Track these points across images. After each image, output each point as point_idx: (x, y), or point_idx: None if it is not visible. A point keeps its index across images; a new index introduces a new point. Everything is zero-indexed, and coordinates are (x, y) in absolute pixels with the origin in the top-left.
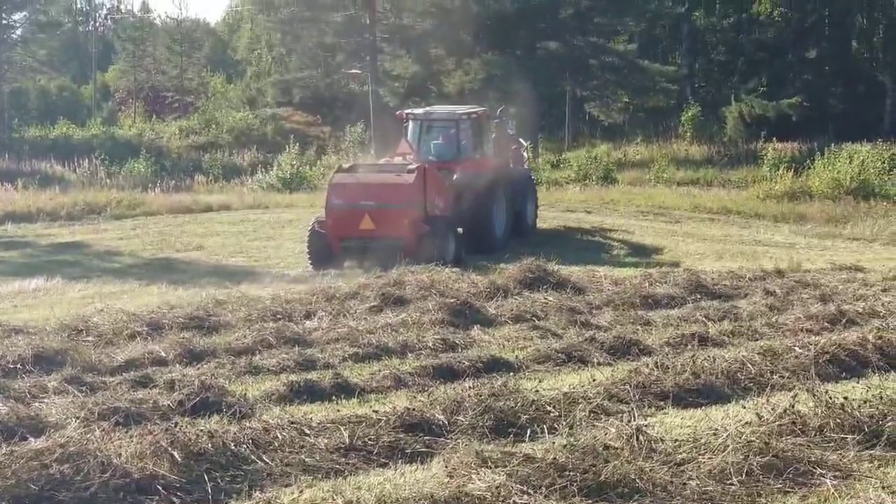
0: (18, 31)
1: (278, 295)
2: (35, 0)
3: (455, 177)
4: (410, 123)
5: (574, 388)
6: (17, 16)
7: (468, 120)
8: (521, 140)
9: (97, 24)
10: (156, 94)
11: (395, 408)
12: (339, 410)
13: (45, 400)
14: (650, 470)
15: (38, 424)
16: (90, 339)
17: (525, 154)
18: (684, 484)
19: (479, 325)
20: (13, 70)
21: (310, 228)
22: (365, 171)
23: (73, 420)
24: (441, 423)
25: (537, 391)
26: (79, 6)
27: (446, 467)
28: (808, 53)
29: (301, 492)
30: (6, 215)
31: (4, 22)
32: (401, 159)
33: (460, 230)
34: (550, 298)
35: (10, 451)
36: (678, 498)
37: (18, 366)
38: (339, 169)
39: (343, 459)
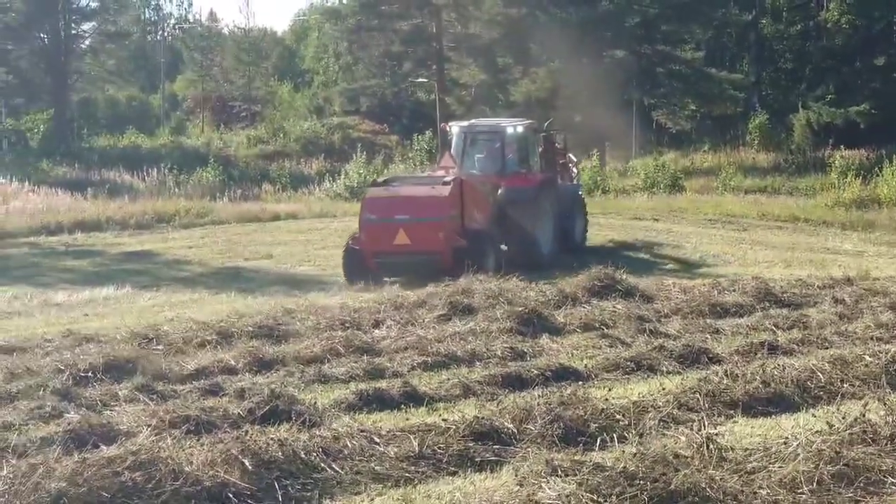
0: (87, 42)
1: (346, 303)
2: (104, 10)
3: (500, 192)
4: (454, 136)
5: (643, 396)
6: (87, 26)
7: (514, 133)
8: (570, 155)
9: (165, 33)
10: (223, 104)
11: (464, 416)
12: (408, 419)
13: (117, 408)
14: (720, 479)
15: (109, 432)
16: (160, 347)
17: (575, 169)
18: (755, 493)
19: (547, 334)
20: (82, 80)
21: (344, 245)
22: (400, 185)
23: (145, 428)
24: (510, 431)
25: (607, 400)
26: (147, 16)
27: (516, 476)
28: (876, 60)
29: (371, 500)
30: (76, 224)
31: (74, 32)
32: (444, 173)
33: (504, 247)
34: (619, 307)
35: (82, 459)
36: None
37: (90, 374)
38: (373, 183)
39: (413, 468)
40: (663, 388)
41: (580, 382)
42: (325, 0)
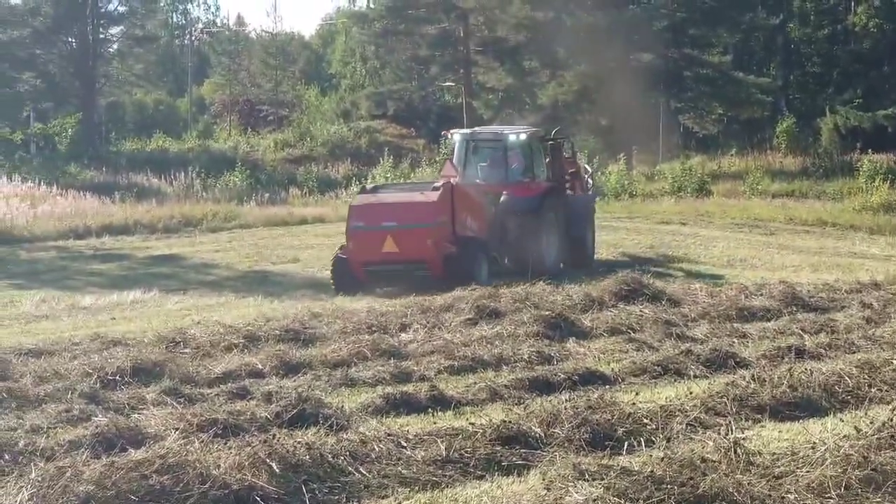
0: (115, 46)
1: (373, 307)
2: (132, 15)
3: (501, 200)
4: (456, 144)
5: (671, 400)
6: (114, 30)
7: (517, 141)
8: (585, 165)
9: (193, 37)
10: (251, 108)
11: (491, 420)
12: (435, 423)
13: (144, 411)
14: (748, 483)
15: (137, 436)
16: (187, 351)
17: (589, 180)
18: (782, 498)
19: (574, 338)
20: (110, 84)
21: (334, 255)
22: (388, 191)
23: (173, 431)
24: (537, 435)
25: (634, 404)
26: (175, 20)
27: (543, 480)
28: None
29: None
30: (104, 228)
31: (101, 36)
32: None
33: (507, 261)
34: (646, 311)
35: (110, 463)
36: None
37: (117, 377)
38: (361, 190)
39: (440, 472)
40: (690, 393)
41: (607, 386)
42: (353, 4)
